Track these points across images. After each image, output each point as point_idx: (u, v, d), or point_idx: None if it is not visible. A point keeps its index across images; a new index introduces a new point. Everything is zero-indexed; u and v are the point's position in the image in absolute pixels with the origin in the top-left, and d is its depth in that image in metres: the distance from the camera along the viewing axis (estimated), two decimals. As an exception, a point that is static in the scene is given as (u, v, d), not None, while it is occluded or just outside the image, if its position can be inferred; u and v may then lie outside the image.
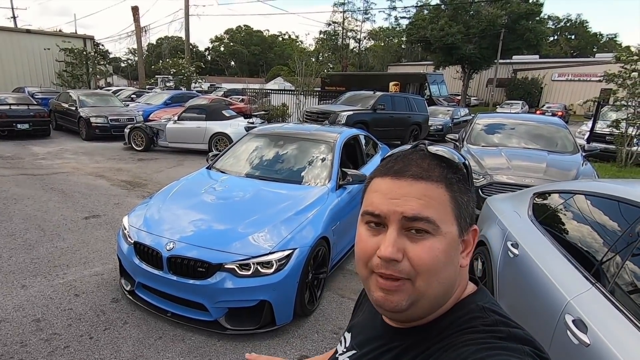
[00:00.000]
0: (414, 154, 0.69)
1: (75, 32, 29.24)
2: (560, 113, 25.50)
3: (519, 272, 2.41)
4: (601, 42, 65.83)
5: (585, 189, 2.47)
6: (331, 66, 46.63)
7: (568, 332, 1.68)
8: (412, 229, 0.62)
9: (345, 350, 0.83)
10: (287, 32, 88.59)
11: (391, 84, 26.50)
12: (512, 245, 2.59)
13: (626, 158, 10.08)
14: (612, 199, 2.13)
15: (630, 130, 9.96)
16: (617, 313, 1.59)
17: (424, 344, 0.65)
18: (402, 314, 0.65)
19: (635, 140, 9.96)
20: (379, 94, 12.99)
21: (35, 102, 12.52)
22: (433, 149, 0.69)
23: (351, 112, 11.57)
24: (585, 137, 11.13)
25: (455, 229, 0.64)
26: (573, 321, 1.69)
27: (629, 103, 9.92)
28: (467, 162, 0.71)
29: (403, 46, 56.58)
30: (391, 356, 0.69)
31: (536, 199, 2.93)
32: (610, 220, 2.11)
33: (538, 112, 26.96)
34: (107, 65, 25.39)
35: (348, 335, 0.86)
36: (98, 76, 23.98)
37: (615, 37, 67.55)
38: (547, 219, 2.62)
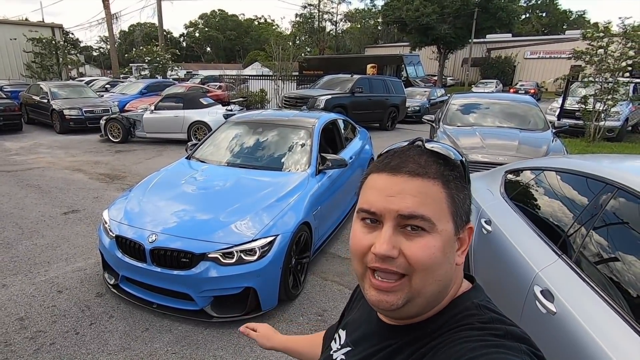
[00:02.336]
0: (411, 150, 0.68)
1: (43, 21, 28.13)
2: (532, 90, 26.00)
3: (492, 248, 2.52)
4: (570, 19, 66.99)
5: (552, 166, 2.58)
6: (308, 50, 46.22)
7: (537, 302, 1.78)
8: (408, 226, 0.62)
9: (340, 347, 0.83)
10: (262, 16, 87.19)
11: (368, 66, 26.51)
12: (485, 222, 2.70)
13: (594, 133, 10.40)
14: (577, 174, 2.24)
15: (597, 105, 10.24)
16: (581, 282, 1.69)
17: (420, 341, 0.65)
18: (398, 312, 0.65)
19: (602, 115, 10.26)
20: (356, 77, 13.02)
21: (4, 96, 12.09)
22: (430, 145, 0.68)
23: (329, 96, 11.60)
24: (557, 113, 11.42)
25: (451, 226, 0.64)
26: (541, 292, 1.79)
27: (596, 79, 10.18)
28: (464, 159, 0.70)
29: (379, 28, 56.43)
30: (386, 353, 0.69)
31: (508, 176, 3.04)
32: (576, 194, 2.21)
33: (512, 90, 27.45)
34: (78, 55, 24.59)
35: (343, 333, 0.86)
36: (69, 66, 23.24)
37: (584, 13, 69.02)
38: (517, 195, 2.73)
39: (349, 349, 0.80)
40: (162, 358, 2.67)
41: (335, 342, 0.87)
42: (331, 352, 0.85)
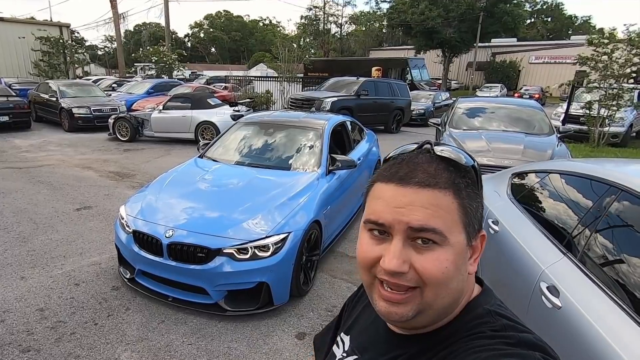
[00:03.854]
0: (419, 156, 0.64)
1: (51, 20, 28.39)
2: (537, 95, 26.08)
3: (499, 247, 2.61)
4: (576, 24, 67.13)
5: (558, 168, 2.67)
6: (313, 52, 46.41)
7: (543, 298, 1.87)
8: (419, 239, 0.59)
9: (345, 355, 0.81)
10: (267, 17, 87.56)
11: (373, 69, 26.63)
12: (492, 222, 2.79)
13: (599, 138, 10.45)
14: (582, 177, 2.33)
15: (602, 111, 10.30)
16: (585, 279, 1.78)
17: (430, 351, 0.63)
18: (407, 323, 0.63)
19: (607, 121, 10.32)
20: (362, 79, 13.13)
21: (13, 94, 12.25)
22: (439, 149, 0.65)
23: (335, 99, 11.71)
24: (561, 118, 11.49)
25: (464, 237, 0.61)
26: (547, 287, 1.88)
27: (601, 85, 10.24)
28: (476, 164, 0.66)
29: (384, 31, 56.54)
30: None
31: (514, 179, 3.13)
32: (581, 196, 2.31)
33: (516, 94, 27.53)
34: (85, 54, 24.81)
35: (347, 338, 0.83)
36: (76, 65, 23.46)
37: (589, 19, 69.15)
38: (524, 197, 2.82)
39: (355, 356, 0.77)
40: (178, 349, 2.77)
41: (339, 347, 0.84)
42: (336, 359, 0.82)
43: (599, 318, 1.58)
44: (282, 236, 3.08)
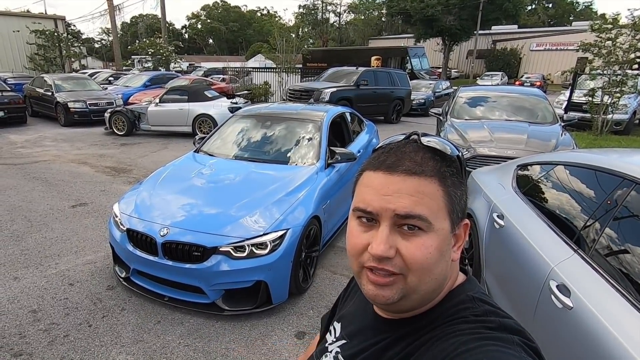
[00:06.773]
0: (407, 146, 0.67)
1: (45, 12, 28.06)
2: (538, 83, 25.86)
3: (504, 243, 2.51)
4: (577, 10, 66.37)
5: (565, 160, 2.57)
6: (311, 42, 46.02)
7: (552, 297, 1.78)
8: (405, 225, 0.62)
9: (335, 340, 0.84)
10: (265, 7, 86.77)
11: (373, 58, 26.35)
12: (497, 216, 2.69)
13: (602, 126, 10.32)
14: (590, 169, 2.22)
15: (605, 98, 10.15)
16: (598, 277, 1.68)
17: (415, 334, 0.66)
18: (393, 306, 0.66)
19: (610, 108, 10.16)
20: (361, 69, 12.96)
21: (8, 88, 12.08)
22: (426, 140, 0.67)
23: (334, 89, 11.56)
24: (563, 106, 11.34)
25: (448, 224, 0.64)
26: (557, 286, 1.78)
27: (605, 72, 10.07)
28: (460, 154, 0.70)
29: (383, 19, 56.04)
30: (382, 346, 0.70)
31: (519, 171, 3.03)
32: (589, 189, 2.20)
33: (517, 82, 27.30)
34: (81, 47, 24.56)
35: (338, 325, 0.87)
36: (72, 59, 23.24)
37: (591, 4, 68.28)
38: (530, 190, 2.72)
39: (344, 341, 0.80)
40: (174, 350, 2.69)
41: (331, 334, 0.88)
42: (326, 345, 0.86)
43: (614, 319, 1.49)
44: (279, 233, 2.98)
